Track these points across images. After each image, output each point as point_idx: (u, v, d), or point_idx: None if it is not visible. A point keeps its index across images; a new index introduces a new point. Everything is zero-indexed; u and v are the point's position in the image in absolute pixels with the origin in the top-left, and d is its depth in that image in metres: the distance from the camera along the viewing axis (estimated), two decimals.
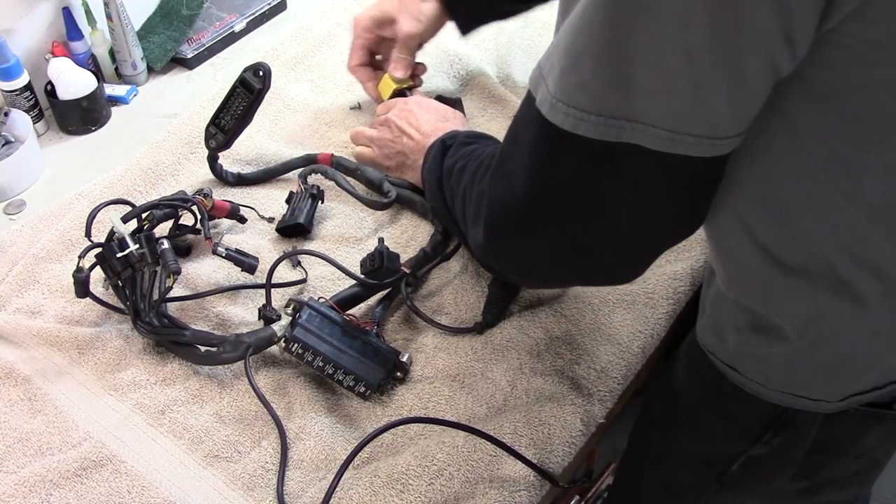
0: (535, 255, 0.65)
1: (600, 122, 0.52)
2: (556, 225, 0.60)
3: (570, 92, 0.53)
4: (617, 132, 0.52)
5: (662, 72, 0.49)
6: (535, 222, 0.61)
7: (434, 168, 0.87)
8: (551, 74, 0.54)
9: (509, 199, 0.62)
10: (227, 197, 1.00)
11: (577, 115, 0.53)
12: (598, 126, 0.52)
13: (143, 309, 0.85)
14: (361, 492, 0.76)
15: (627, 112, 0.51)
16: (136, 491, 0.77)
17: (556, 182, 0.58)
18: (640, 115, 0.51)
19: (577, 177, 0.57)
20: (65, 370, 0.87)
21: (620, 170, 0.55)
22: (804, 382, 0.72)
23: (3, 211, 1.07)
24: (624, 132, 0.52)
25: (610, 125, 0.52)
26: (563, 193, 0.58)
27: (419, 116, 1.00)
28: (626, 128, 0.52)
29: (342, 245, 0.99)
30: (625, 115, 0.51)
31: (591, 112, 0.52)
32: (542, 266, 0.67)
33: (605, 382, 0.85)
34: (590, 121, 0.52)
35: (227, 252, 0.90)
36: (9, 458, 0.80)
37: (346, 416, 0.83)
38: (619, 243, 0.61)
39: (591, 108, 0.52)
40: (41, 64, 1.16)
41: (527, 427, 0.80)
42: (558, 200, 0.59)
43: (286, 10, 1.39)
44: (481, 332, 0.89)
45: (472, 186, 0.73)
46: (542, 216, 0.60)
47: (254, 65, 0.95)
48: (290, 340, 0.82)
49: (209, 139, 1.00)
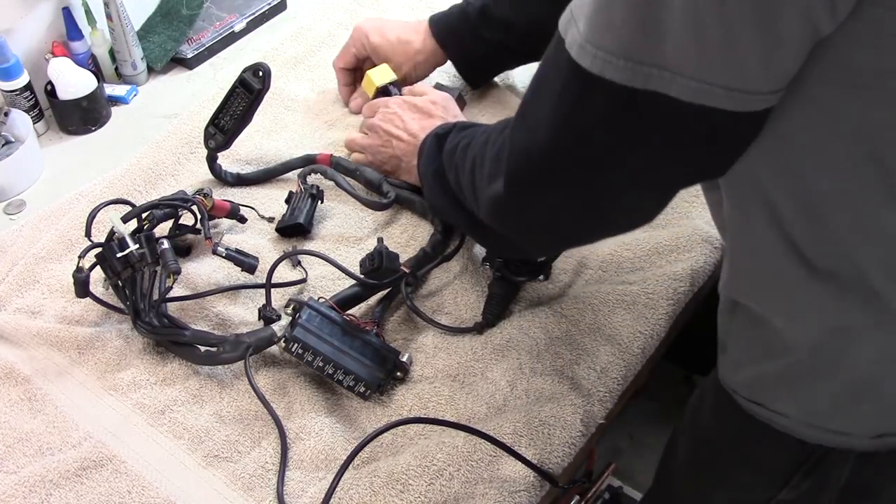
0: (554, 206, 0.63)
1: (628, 67, 0.51)
2: (578, 171, 0.59)
3: (599, 33, 0.51)
4: (644, 79, 0.50)
5: (694, 19, 0.47)
6: (557, 168, 0.60)
7: (430, 161, 0.87)
8: (582, 14, 0.53)
9: (532, 145, 0.60)
10: (227, 197, 1.00)
11: (605, 58, 0.51)
12: (625, 71, 0.51)
13: (143, 309, 0.85)
14: (361, 492, 0.76)
15: (657, 59, 0.49)
16: (136, 491, 0.77)
17: (581, 127, 0.56)
18: (670, 63, 0.49)
19: (602, 122, 0.55)
20: (65, 370, 0.87)
21: (646, 118, 0.53)
22: (829, 411, 0.68)
23: (3, 211, 1.07)
24: (652, 79, 0.50)
25: (638, 71, 0.50)
26: (588, 139, 0.57)
27: (404, 117, 1.01)
28: (655, 75, 0.50)
29: (342, 245, 0.99)
30: (654, 61, 0.50)
31: (619, 56, 0.51)
32: (560, 218, 0.65)
33: (605, 382, 0.85)
34: (617, 65, 0.51)
35: (227, 252, 0.90)
36: (9, 458, 0.80)
37: (346, 416, 0.83)
38: (638, 190, 0.60)
39: (619, 52, 0.51)
40: (41, 64, 1.16)
41: (527, 427, 0.80)
42: (582, 146, 0.57)
43: (286, 10, 1.39)
44: (481, 332, 0.89)
45: (487, 149, 0.71)
46: (566, 162, 0.59)
47: (253, 65, 0.95)
48: (290, 340, 0.82)
49: (208, 139, 1.00)
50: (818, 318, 0.63)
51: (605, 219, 0.65)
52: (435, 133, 0.90)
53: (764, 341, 0.68)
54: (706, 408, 0.81)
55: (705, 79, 0.49)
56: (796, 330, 0.65)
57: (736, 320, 0.71)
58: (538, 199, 0.63)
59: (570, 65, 0.54)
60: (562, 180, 0.60)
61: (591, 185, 0.60)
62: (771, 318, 0.66)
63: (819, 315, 0.63)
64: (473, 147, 0.76)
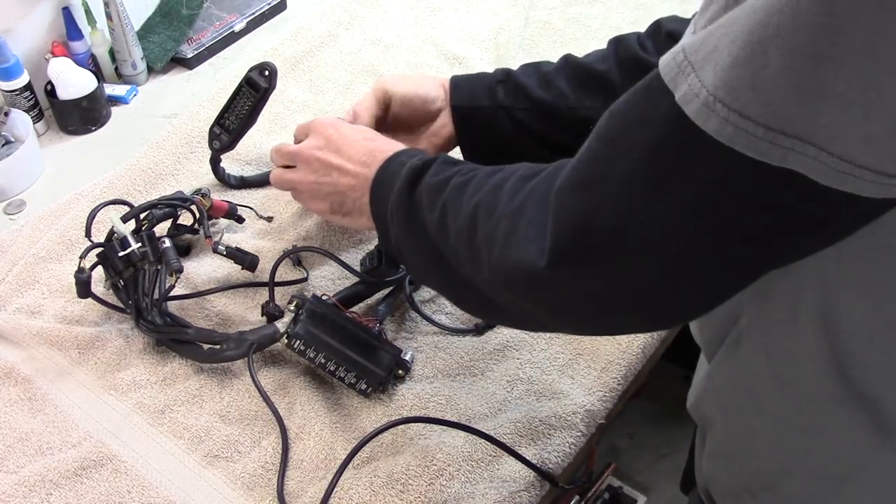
0: (602, 288, 0.51)
1: (767, 138, 0.40)
2: (650, 251, 0.48)
3: (739, 92, 0.40)
4: (782, 154, 0.40)
5: (870, 82, 0.37)
6: (624, 246, 0.48)
7: (402, 200, 0.68)
8: (711, 62, 0.41)
9: (594, 213, 0.49)
10: (226, 197, 1.00)
11: (740, 124, 0.40)
12: (762, 142, 0.40)
13: (145, 308, 0.85)
14: (361, 491, 0.76)
15: (803, 130, 0.39)
16: (136, 491, 0.77)
17: (670, 200, 0.45)
18: (818, 136, 0.39)
19: (701, 198, 0.44)
20: (65, 370, 0.87)
21: (762, 198, 0.43)
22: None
23: (3, 211, 1.07)
24: (790, 156, 0.39)
25: (777, 143, 0.39)
26: (674, 215, 0.46)
27: (345, 141, 0.80)
28: (796, 150, 0.39)
29: (342, 244, 0.99)
30: (800, 132, 0.39)
31: (759, 122, 0.39)
32: (602, 302, 0.53)
33: (605, 382, 0.85)
34: (755, 134, 0.40)
35: (228, 250, 0.90)
36: (9, 458, 0.80)
37: (347, 415, 0.83)
38: (718, 279, 0.49)
39: (761, 117, 0.39)
40: (41, 64, 1.16)
41: (527, 427, 0.80)
42: (664, 221, 0.46)
43: (286, 10, 1.39)
44: (481, 333, 0.89)
45: (502, 198, 0.57)
46: (637, 239, 0.48)
47: (260, 64, 0.95)
48: (293, 337, 0.82)
49: (213, 140, 0.99)
50: (835, 451, 0.56)
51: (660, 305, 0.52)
52: (401, 162, 0.72)
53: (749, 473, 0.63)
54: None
55: (856, 159, 0.39)
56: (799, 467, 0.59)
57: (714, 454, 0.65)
58: (585, 275, 0.51)
59: (680, 123, 0.42)
60: (626, 258, 0.49)
61: (660, 263, 0.48)
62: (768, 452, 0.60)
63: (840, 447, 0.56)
64: (477, 190, 0.61)
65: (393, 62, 1.25)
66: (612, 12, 1.33)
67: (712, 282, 0.49)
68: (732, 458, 0.65)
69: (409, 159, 0.71)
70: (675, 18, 0.88)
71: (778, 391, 0.57)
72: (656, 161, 0.45)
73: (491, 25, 1.31)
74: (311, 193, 0.83)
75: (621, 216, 0.48)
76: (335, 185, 0.80)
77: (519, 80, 0.90)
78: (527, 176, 0.57)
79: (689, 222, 0.46)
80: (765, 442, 0.61)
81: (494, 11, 1.35)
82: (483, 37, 1.29)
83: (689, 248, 0.47)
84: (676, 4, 1.32)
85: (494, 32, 1.30)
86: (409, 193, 0.68)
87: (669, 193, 0.45)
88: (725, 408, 0.63)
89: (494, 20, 1.33)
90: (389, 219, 0.70)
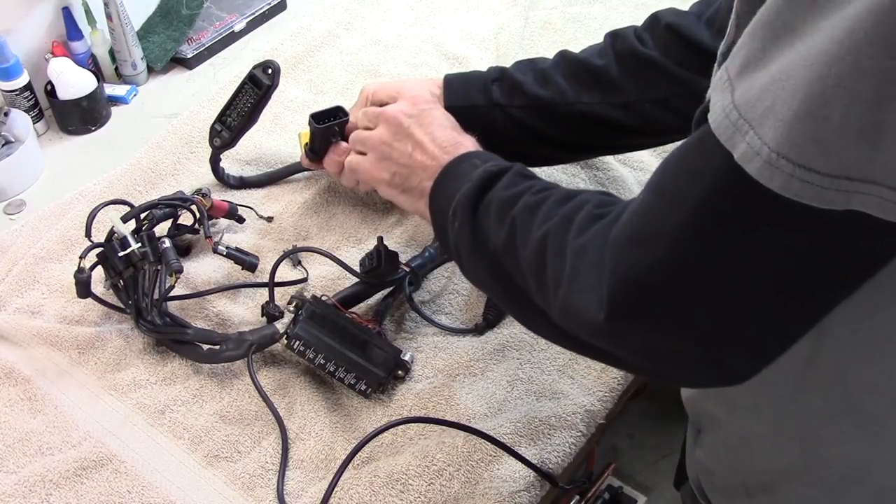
0: (661, 343, 0.50)
1: (833, 187, 0.38)
2: (707, 310, 0.47)
3: (801, 144, 0.38)
4: (847, 198, 0.38)
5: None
6: (680, 305, 0.47)
7: (470, 202, 0.66)
8: (769, 118, 0.39)
9: (649, 270, 0.48)
10: (226, 197, 1.00)
11: (807, 177, 0.39)
12: (828, 191, 0.38)
13: (145, 308, 0.85)
14: (361, 492, 0.76)
15: (865, 170, 0.38)
16: (136, 491, 0.77)
17: (727, 255, 0.44)
18: (878, 173, 0.38)
19: (763, 252, 0.43)
20: (65, 370, 0.87)
21: (826, 244, 0.42)
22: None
23: (3, 211, 1.07)
24: (855, 197, 0.38)
25: (843, 189, 0.38)
26: (732, 269, 0.45)
27: (433, 120, 0.79)
28: (861, 191, 0.38)
29: (342, 244, 0.99)
30: (863, 174, 0.38)
31: (824, 173, 0.38)
32: (664, 356, 0.51)
33: (605, 382, 0.85)
34: (821, 184, 0.38)
35: (228, 250, 0.90)
36: (9, 458, 0.80)
37: (347, 415, 0.83)
38: (783, 330, 0.47)
39: (825, 168, 0.38)
40: (41, 64, 1.16)
41: (527, 427, 0.80)
42: (724, 279, 0.45)
43: (286, 10, 1.39)
44: (482, 333, 0.89)
45: (570, 233, 0.56)
46: (693, 297, 0.47)
47: (263, 62, 0.95)
48: (293, 338, 0.82)
49: (214, 137, 0.98)
50: (838, 458, 0.57)
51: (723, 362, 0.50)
52: (475, 163, 0.71)
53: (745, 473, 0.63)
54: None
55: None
56: (801, 473, 0.59)
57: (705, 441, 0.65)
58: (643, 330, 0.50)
59: (737, 180, 0.41)
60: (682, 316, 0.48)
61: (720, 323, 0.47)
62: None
63: (842, 454, 0.56)
64: (547, 219, 0.59)
65: (393, 62, 1.25)
66: (612, 12, 1.33)
67: (777, 332, 0.47)
68: (732, 452, 0.65)
69: (483, 163, 0.70)
70: (673, 11, 0.88)
71: (779, 396, 0.57)
72: (710, 217, 0.44)
73: (491, 25, 1.31)
74: (379, 155, 0.81)
75: (679, 274, 0.47)
76: (408, 157, 0.78)
77: (514, 78, 0.89)
78: (594, 216, 0.55)
79: (749, 276, 0.45)
80: (764, 444, 0.62)
81: (494, 11, 1.35)
82: (483, 37, 1.29)
83: (752, 301, 0.46)
84: (676, 4, 1.32)
85: (494, 32, 1.30)
86: (478, 198, 0.66)
87: (726, 248, 0.44)
88: (730, 406, 0.63)
89: (494, 20, 1.33)
90: (451, 216, 0.68)
